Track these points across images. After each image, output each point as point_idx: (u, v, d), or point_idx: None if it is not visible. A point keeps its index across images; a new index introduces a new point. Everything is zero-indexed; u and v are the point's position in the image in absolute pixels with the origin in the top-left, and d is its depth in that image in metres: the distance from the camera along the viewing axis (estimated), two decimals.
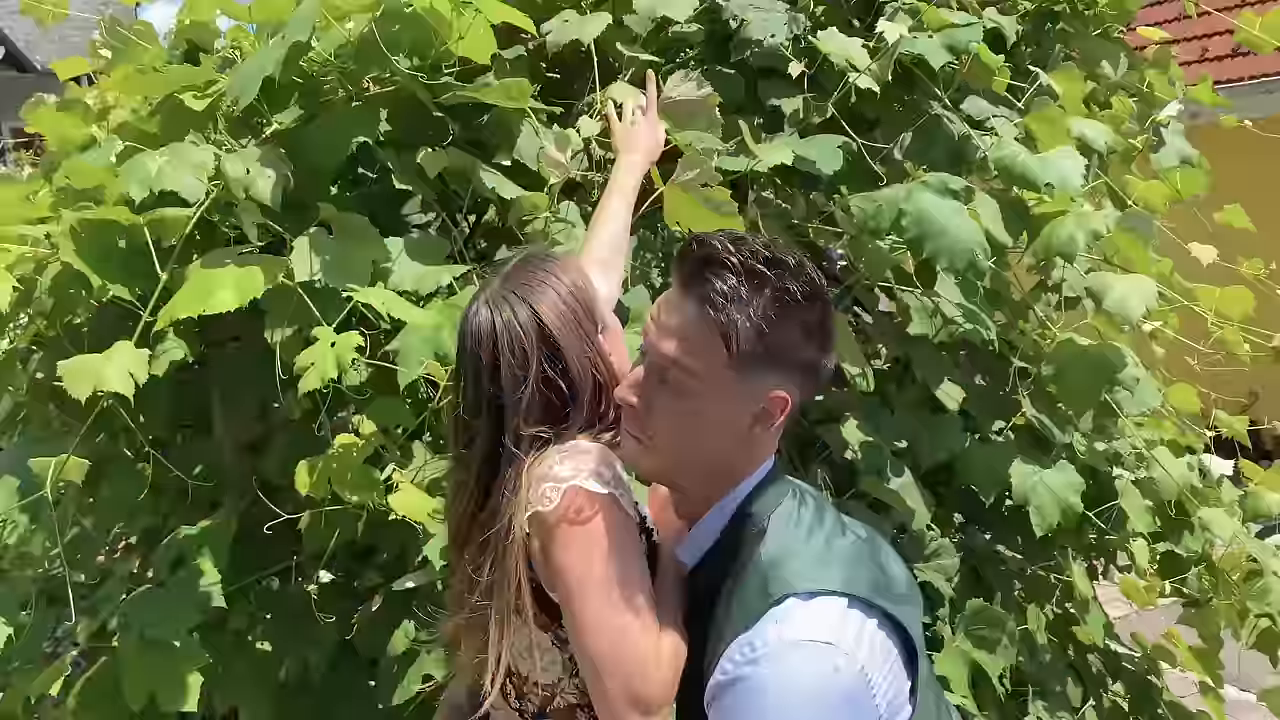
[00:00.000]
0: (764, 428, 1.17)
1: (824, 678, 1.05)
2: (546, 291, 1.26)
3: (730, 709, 1.08)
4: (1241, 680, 3.39)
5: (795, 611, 1.09)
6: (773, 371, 1.14)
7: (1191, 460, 2.36)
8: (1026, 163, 1.81)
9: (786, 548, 1.15)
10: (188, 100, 1.66)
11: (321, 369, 1.53)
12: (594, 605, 1.15)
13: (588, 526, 1.16)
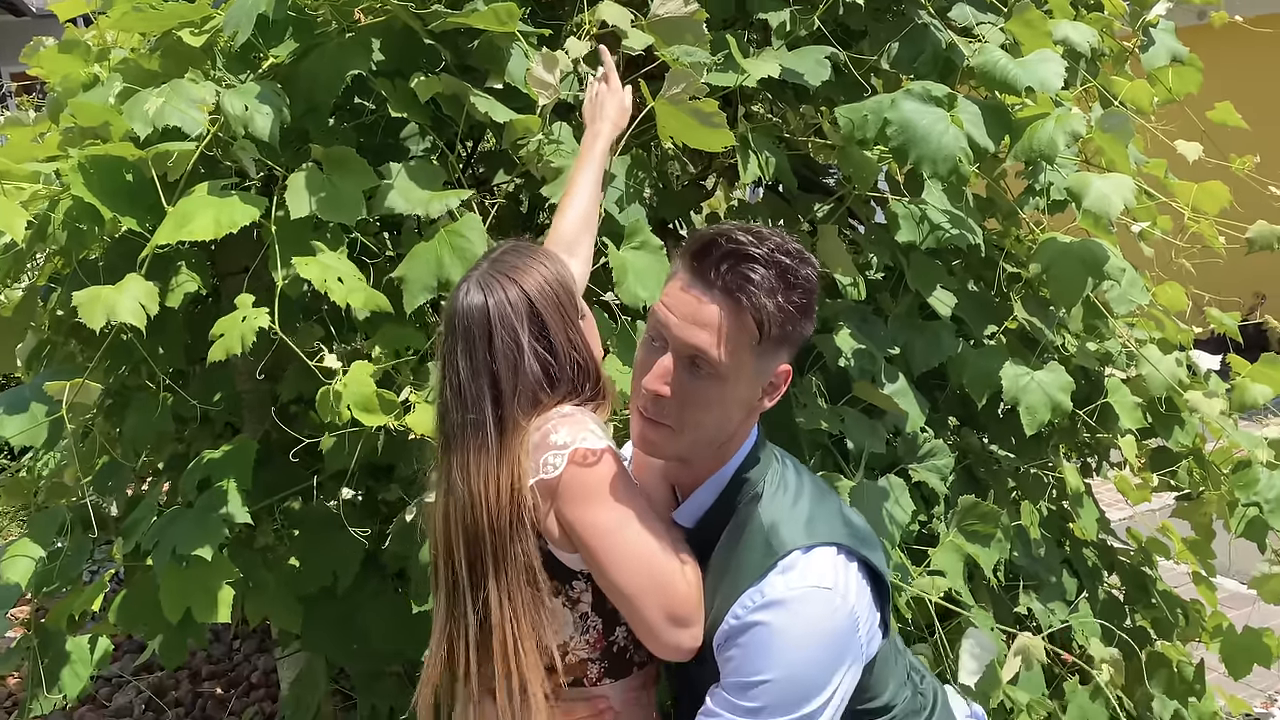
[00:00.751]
0: (769, 399, 1.28)
1: (825, 619, 1.20)
2: (532, 274, 1.32)
3: (744, 651, 1.19)
4: (1235, 572, 3.50)
5: (798, 562, 1.22)
6: (783, 350, 1.25)
7: (1180, 356, 2.41)
8: (1006, 67, 1.83)
9: (781, 512, 1.27)
10: (185, 37, 1.70)
11: (229, 342, 1.59)
12: (617, 544, 1.24)
13: (596, 480, 1.25)
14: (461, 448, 1.29)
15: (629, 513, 1.25)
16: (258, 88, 1.64)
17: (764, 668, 1.18)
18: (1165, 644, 2.75)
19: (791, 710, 1.18)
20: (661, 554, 1.25)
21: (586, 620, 1.32)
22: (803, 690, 1.18)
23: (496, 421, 1.28)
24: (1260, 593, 2.52)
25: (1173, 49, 2.42)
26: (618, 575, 1.24)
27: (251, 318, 1.55)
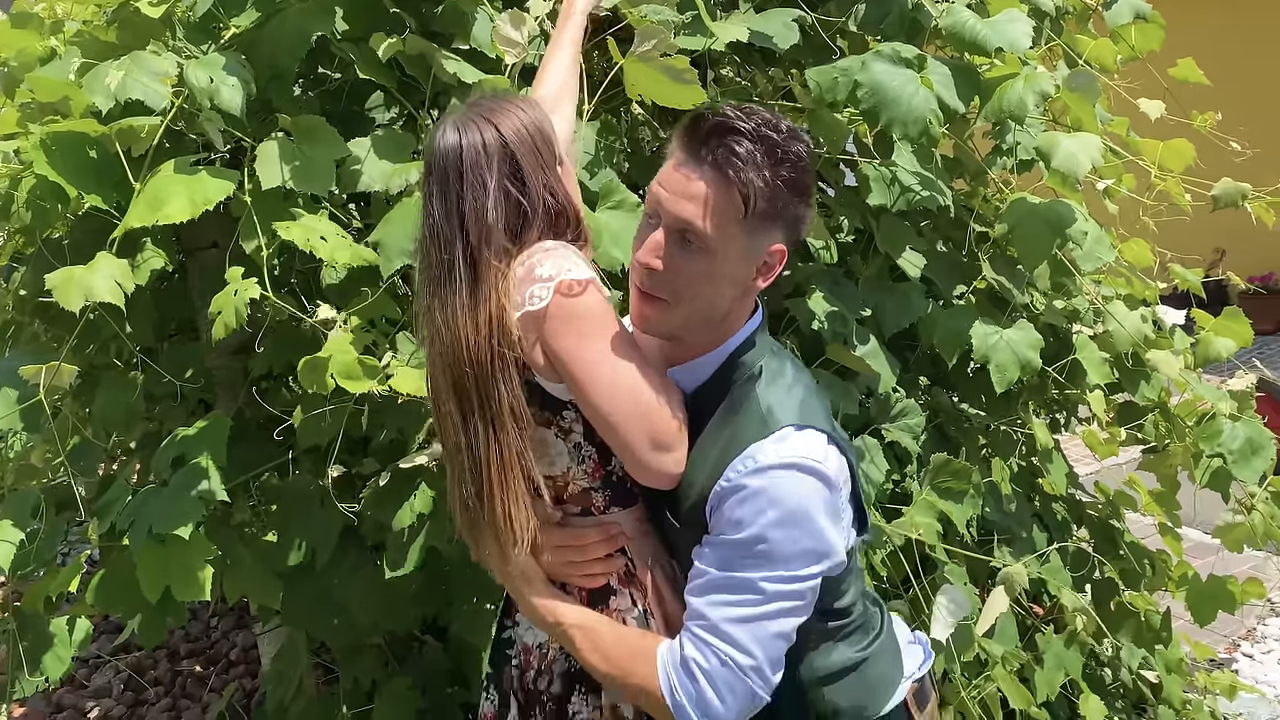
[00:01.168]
0: (764, 279, 1.31)
1: (814, 492, 1.24)
2: (509, 117, 1.32)
3: (735, 511, 1.23)
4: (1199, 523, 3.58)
5: (790, 436, 1.26)
6: (774, 227, 1.28)
7: (1145, 312, 2.44)
8: (975, 28, 1.84)
9: (777, 396, 1.30)
10: (143, 8, 1.67)
11: (228, 317, 1.57)
12: (599, 371, 1.26)
13: (580, 310, 1.26)
14: (440, 289, 1.30)
15: (612, 341, 1.28)
16: (222, 59, 1.61)
17: (754, 528, 1.22)
18: (1133, 594, 2.82)
19: (778, 568, 1.22)
20: (643, 381, 1.28)
21: (580, 450, 1.35)
22: (789, 552, 1.22)
23: (469, 263, 1.28)
24: (1224, 541, 2.58)
25: (1136, 6, 2.44)
26: (600, 401, 1.27)
27: (243, 289, 1.53)
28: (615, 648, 1.32)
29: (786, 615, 1.24)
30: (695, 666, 1.24)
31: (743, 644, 1.22)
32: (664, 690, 1.25)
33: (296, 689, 2.20)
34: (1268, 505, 2.53)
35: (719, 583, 1.24)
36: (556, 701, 1.41)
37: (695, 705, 1.23)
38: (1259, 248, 8.02)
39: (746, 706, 1.24)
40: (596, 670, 1.33)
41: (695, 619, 1.26)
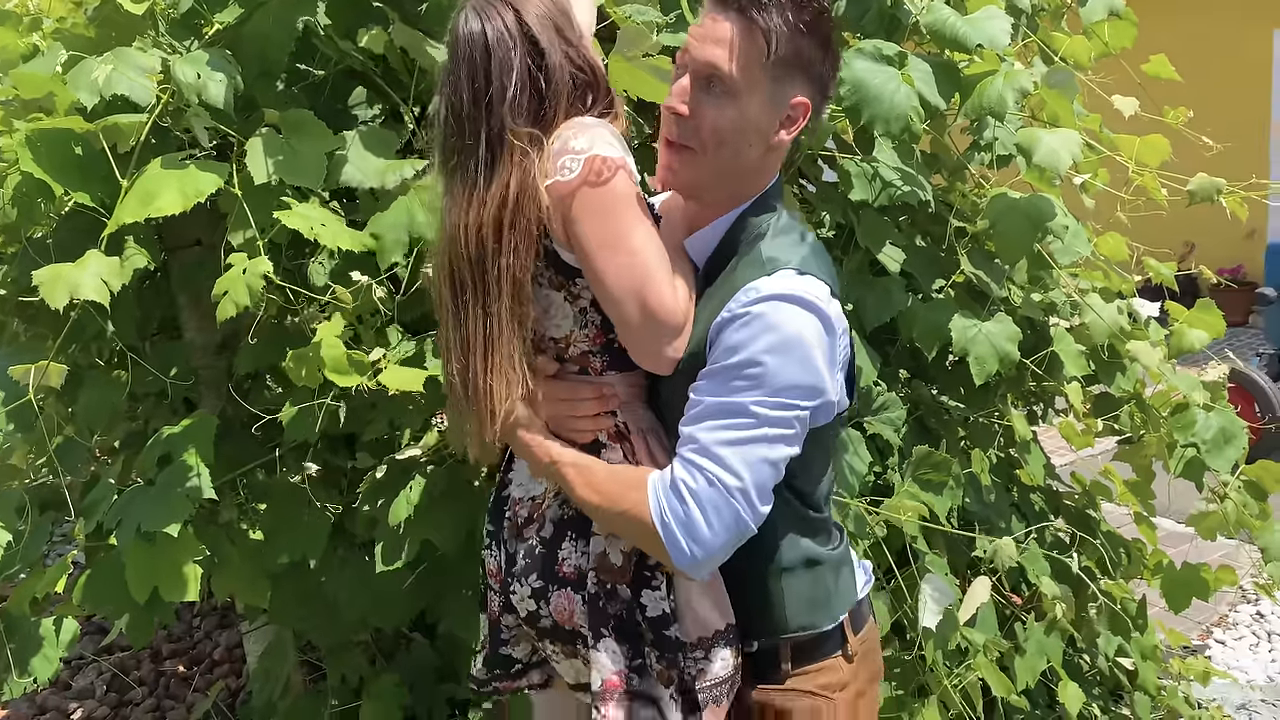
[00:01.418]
0: (788, 131, 1.33)
1: (812, 325, 1.26)
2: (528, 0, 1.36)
3: (732, 335, 1.27)
4: (1173, 512, 3.64)
5: (793, 276, 1.28)
6: (798, 78, 1.30)
7: (1121, 304, 2.49)
8: (956, 25, 1.87)
9: (782, 248, 1.33)
10: (125, 4, 1.66)
11: (237, 295, 1.58)
12: (612, 249, 1.30)
13: (607, 186, 1.30)
14: (457, 176, 1.34)
15: (630, 221, 1.31)
16: (207, 55, 1.61)
17: (748, 351, 1.25)
18: (1109, 582, 2.86)
19: (770, 393, 1.25)
20: (654, 265, 1.31)
21: (585, 315, 1.39)
22: (781, 380, 1.25)
23: (489, 146, 1.32)
24: (1198, 529, 2.62)
25: (1109, 3, 2.47)
26: (608, 276, 1.31)
27: (253, 267, 1.53)
28: (608, 481, 1.35)
29: (775, 442, 1.26)
30: (684, 488, 1.26)
31: (731, 465, 1.25)
32: (653, 513, 1.28)
33: (284, 687, 2.20)
34: (1240, 494, 2.57)
35: (712, 408, 1.27)
36: (546, 546, 1.43)
37: (683, 528, 1.26)
38: (1226, 242, 8.17)
39: (733, 534, 1.27)
40: (589, 505, 1.36)
41: (686, 444, 1.29)
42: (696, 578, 1.32)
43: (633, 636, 1.38)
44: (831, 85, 1.36)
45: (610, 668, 1.37)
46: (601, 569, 1.39)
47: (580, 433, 1.42)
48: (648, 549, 1.33)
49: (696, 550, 1.26)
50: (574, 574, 1.41)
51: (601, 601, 1.38)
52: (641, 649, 1.38)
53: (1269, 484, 2.59)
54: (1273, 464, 2.58)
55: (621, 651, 1.38)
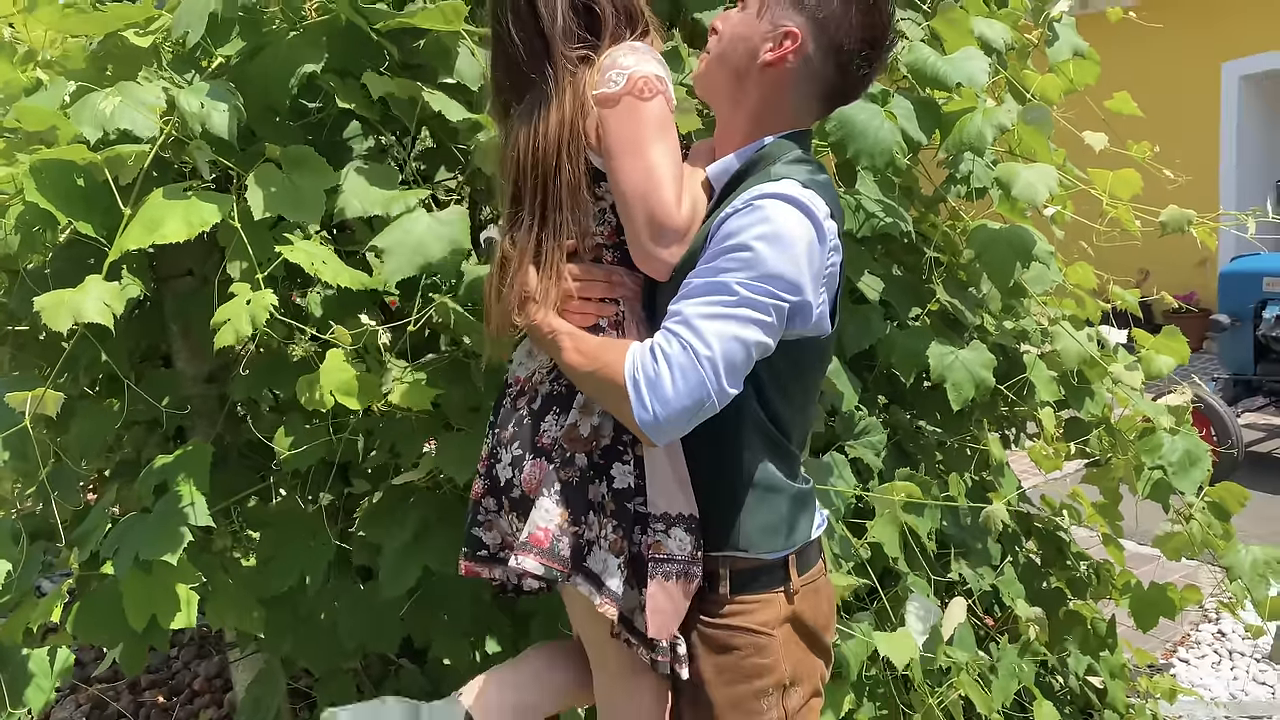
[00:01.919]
0: (771, 53, 1.44)
1: (805, 226, 1.36)
2: None
3: (730, 223, 1.37)
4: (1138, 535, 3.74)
5: (796, 185, 1.38)
6: (798, 13, 1.43)
7: (1090, 332, 2.57)
8: (937, 65, 1.95)
9: (794, 170, 1.43)
10: (131, 38, 1.69)
11: (238, 325, 1.61)
12: (633, 154, 1.43)
13: (645, 101, 1.43)
14: (527, 102, 1.49)
15: (655, 134, 1.43)
16: (207, 85, 1.64)
17: (741, 236, 1.34)
18: (1079, 603, 2.94)
19: (752, 276, 1.33)
20: (665, 175, 1.43)
21: (605, 215, 1.51)
22: (766, 267, 1.33)
23: (552, 72, 1.47)
24: (1164, 550, 2.70)
25: (1074, 44, 2.58)
26: (622, 176, 1.43)
27: (257, 299, 1.55)
28: (594, 346, 1.45)
29: (749, 323, 1.34)
30: (659, 350, 1.35)
31: (705, 336, 1.33)
32: (627, 371, 1.37)
33: (275, 715, 2.19)
34: (1204, 515, 2.66)
35: (698, 287, 1.36)
36: (532, 418, 1.54)
37: (650, 386, 1.34)
38: (1179, 269, 8.39)
39: (694, 400, 1.34)
40: (573, 367, 1.45)
41: (671, 317, 1.37)
42: (656, 441, 1.39)
43: (578, 504, 1.47)
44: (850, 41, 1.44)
45: (540, 523, 1.46)
46: (566, 437, 1.49)
47: (585, 314, 1.52)
48: (616, 408, 1.42)
49: (658, 409, 1.34)
50: (550, 444, 1.51)
51: (555, 464, 1.48)
52: (586, 517, 1.47)
53: (1232, 505, 2.68)
54: (1235, 486, 2.67)
55: (559, 514, 1.46)
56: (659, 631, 1.45)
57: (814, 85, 1.47)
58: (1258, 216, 2.28)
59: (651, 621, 1.44)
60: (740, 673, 1.50)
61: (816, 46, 1.43)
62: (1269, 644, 3.77)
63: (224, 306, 1.59)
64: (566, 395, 1.52)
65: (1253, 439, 6.31)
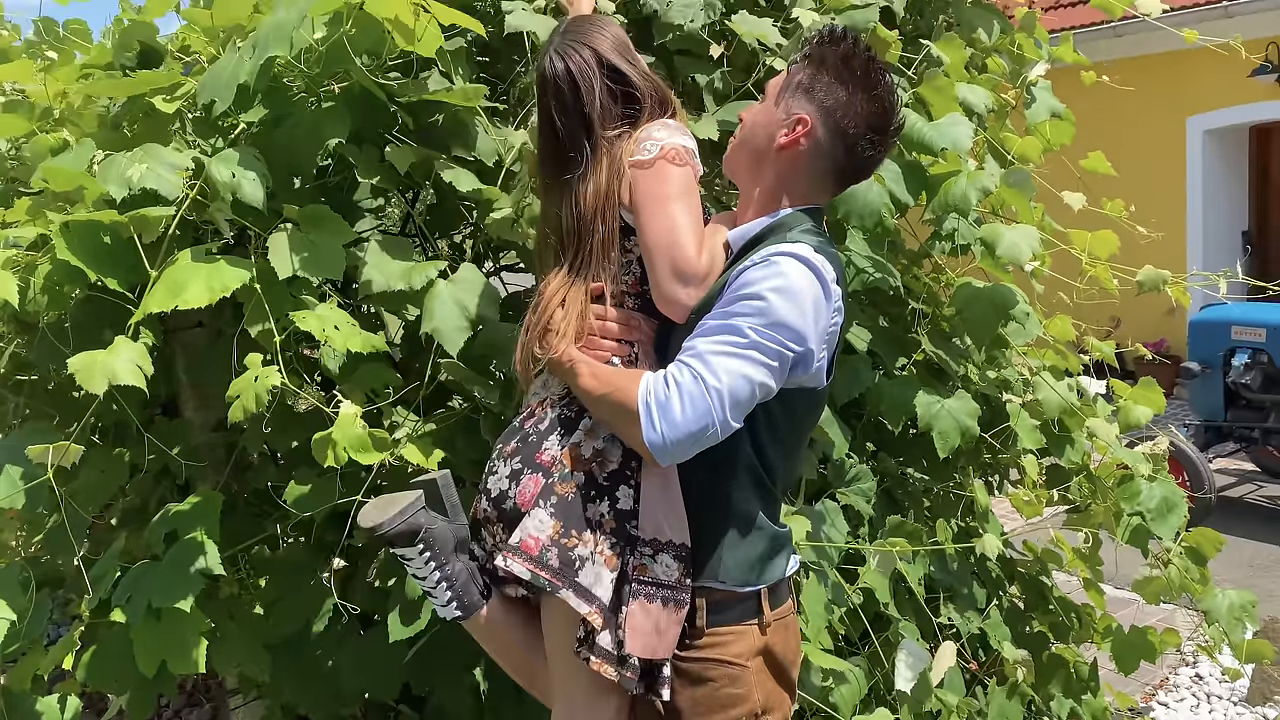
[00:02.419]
0: (785, 137, 1.59)
1: (814, 285, 1.49)
2: (598, 35, 1.70)
3: (748, 274, 1.49)
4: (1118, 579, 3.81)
5: (808, 249, 1.51)
6: (809, 103, 1.58)
7: (1070, 382, 2.66)
8: (924, 131, 2.05)
9: (806, 238, 1.55)
10: (158, 103, 1.76)
11: (246, 402, 1.68)
12: (658, 209, 1.58)
13: (672, 166, 1.60)
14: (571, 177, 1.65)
15: (679, 194, 1.59)
16: (237, 154, 1.71)
17: (757, 286, 1.47)
18: (1061, 646, 3.00)
19: (763, 323, 1.45)
20: (686, 228, 1.58)
21: (631, 266, 1.67)
22: (776, 316, 1.46)
23: (592, 150, 1.64)
24: (1143, 594, 2.77)
25: (1052, 105, 2.70)
26: (648, 226, 1.58)
27: (264, 376, 1.61)
28: (610, 374, 1.57)
29: (758, 365, 1.46)
30: (672, 378, 1.47)
31: (716, 369, 1.45)
32: (640, 395, 1.48)
33: None
34: (1182, 559, 2.74)
35: (713, 327, 1.49)
36: (538, 436, 1.64)
37: (660, 409, 1.46)
38: (1149, 318, 8.57)
39: (699, 427, 1.45)
40: (588, 393, 1.57)
41: (685, 351, 1.49)
42: (660, 462, 1.49)
43: (572, 519, 1.56)
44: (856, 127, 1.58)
45: (532, 531, 1.55)
46: (568, 455, 1.60)
47: (601, 351, 1.64)
48: (626, 431, 1.53)
49: (666, 431, 1.45)
50: (549, 462, 1.61)
51: (551, 480, 1.58)
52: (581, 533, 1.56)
53: (1208, 550, 2.76)
54: (1210, 531, 2.75)
55: (551, 526, 1.55)
56: (639, 650, 1.52)
57: (825, 165, 1.60)
58: (1228, 277, 2.40)
59: (630, 639, 1.52)
60: (716, 703, 1.58)
61: (826, 131, 1.57)
62: (1246, 687, 3.85)
63: (235, 382, 1.66)
64: (574, 419, 1.63)
65: (1225, 484, 6.43)
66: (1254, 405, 6.04)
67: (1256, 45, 8.48)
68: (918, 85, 2.23)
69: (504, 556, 1.55)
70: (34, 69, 2.07)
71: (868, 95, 1.56)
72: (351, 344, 1.71)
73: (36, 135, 1.87)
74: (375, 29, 1.77)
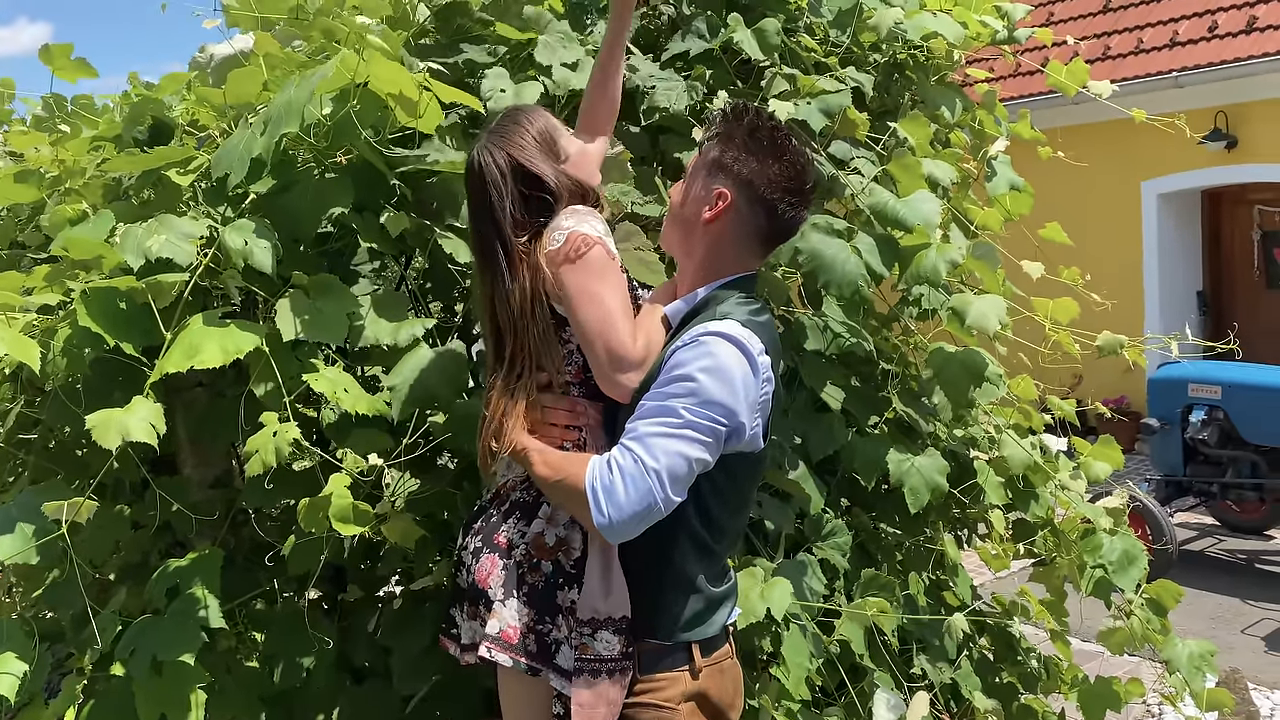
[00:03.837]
0: (710, 211, 1.71)
1: (742, 363, 1.60)
2: (519, 136, 1.77)
3: (679, 354, 1.60)
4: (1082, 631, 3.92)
5: (737, 326, 1.62)
6: (725, 178, 1.70)
7: (1034, 440, 2.79)
8: (896, 208, 2.20)
9: (737, 311, 1.66)
10: (173, 176, 1.86)
11: (265, 457, 1.77)
12: (588, 302, 1.66)
13: (585, 254, 1.67)
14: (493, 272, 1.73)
15: (601, 282, 1.67)
16: (252, 224, 1.81)
17: (688, 367, 1.57)
18: (1030, 697, 3.09)
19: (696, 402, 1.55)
20: (617, 316, 1.66)
21: (572, 356, 1.75)
22: (708, 395, 1.56)
23: (506, 251, 1.72)
24: (1107, 645, 2.87)
25: (1011, 179, 2.86)
26: (581, 321, 1.66)
27: (283, 432, 1.69)
28: (560, 460, 1.66)
29: (694, 442, 1.56)
30: (615, 463, 1.56)
31: (654, 451, 1.55)
32: (587, 478, 1.57)
33: None
34: (1143, 610, 2.85)
35: (650, 409, 1.59)
36: (500, 518, 1.76)
37: (605, 493, 1.55)
38: (1109, 375, 8.79)
39: (643, 506, 1.55)
40: (542, 478, 1.66)
41: (627, 434, 1.59)
42: (610, 541, 1.61)
43: (545, 607, 1.67)
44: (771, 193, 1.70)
45: (510, 621, 1.66)
46: (534, 545, 1.69)
47: (551, 438, 1.74)
48: (579, 513, 1.63)
49: (613, 513, 1.56)
50: (505, 544, 1.71)
51: (523, 570, 1.68)
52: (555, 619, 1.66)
53: (1168, 601, 2.87)
54: (1170, 583, 2.86)
55: (526, 614, 1.67)
56: None
57: (749, 231, 1.73)
58: (1179, 339, 2.54)
59: (576, 716, 1.63)
60: None
61: (745, 201, 1.71)
62: None
63: (253, 438, 1.74)
64: (531, 504, 1.74)
65: (1186, 538, 6.59)
66: (1212, 460, 6.21)
67: (1206, 114, 8.85)
68: (886, 162, 2.37)
69: (487, 648, 1.66)
70: (45, 141, 2.16)
71: (778, 161, 1.69)
72: (360, 406, 1.80)
73: (56, 205, 1.95)
74: (378, 104, 1.88)
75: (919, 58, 2.86)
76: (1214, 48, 8.89)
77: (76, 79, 2.30)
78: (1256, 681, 4.67)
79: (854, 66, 2.56)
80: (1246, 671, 4.57)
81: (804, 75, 2.31)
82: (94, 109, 2.41)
